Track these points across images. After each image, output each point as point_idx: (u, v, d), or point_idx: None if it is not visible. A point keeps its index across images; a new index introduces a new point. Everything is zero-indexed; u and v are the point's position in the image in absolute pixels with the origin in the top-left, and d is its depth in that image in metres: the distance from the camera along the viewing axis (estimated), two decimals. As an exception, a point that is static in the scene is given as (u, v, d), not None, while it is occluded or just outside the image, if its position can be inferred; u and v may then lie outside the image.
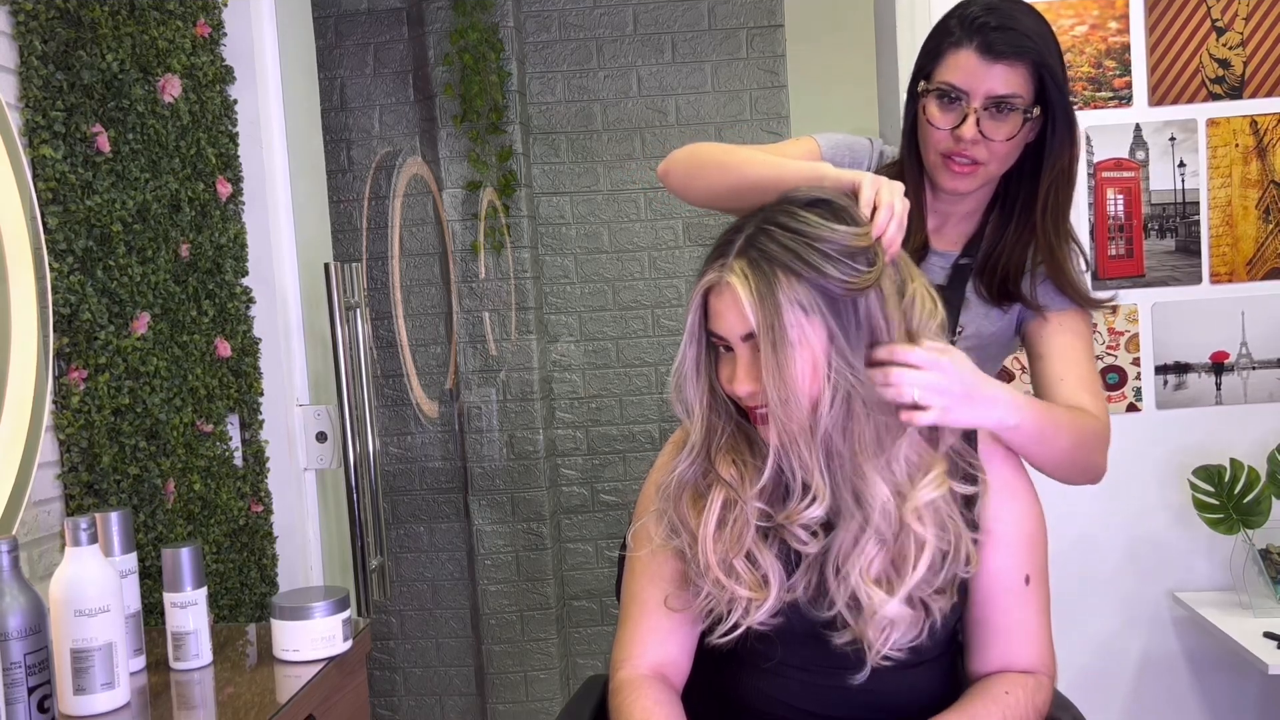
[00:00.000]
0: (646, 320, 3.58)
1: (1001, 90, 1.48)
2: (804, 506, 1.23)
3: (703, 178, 1.48)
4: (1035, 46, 1.48)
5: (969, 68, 1.49)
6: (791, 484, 1.25)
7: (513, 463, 3.50)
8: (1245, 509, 2.28)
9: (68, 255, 1.57)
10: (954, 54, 1.50)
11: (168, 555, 1.42)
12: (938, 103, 1.52)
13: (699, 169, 1.49)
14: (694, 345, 1.27)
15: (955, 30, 1.51)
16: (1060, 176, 1.55)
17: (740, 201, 1.33)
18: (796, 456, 1.21)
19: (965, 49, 1.49)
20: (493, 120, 3.37)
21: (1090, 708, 1.48)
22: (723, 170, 1.44)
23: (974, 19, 1.49)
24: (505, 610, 3.53)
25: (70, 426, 1.57)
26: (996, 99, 1.49)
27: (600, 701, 1.48)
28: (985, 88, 1.48)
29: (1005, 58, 1.47)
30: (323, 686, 1.40)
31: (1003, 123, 1.50)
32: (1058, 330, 1.60)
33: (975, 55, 1.48)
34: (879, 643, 1.24)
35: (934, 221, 1.64)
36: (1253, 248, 2.43)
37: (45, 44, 1.56)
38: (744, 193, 1.34)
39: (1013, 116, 1.50)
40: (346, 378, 2.07)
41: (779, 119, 3.52)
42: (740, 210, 1.31)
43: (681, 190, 1.53)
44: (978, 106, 1.49)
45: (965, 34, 1.49)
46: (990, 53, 1.47)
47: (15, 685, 1.13)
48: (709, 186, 1.47)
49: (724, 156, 1.46)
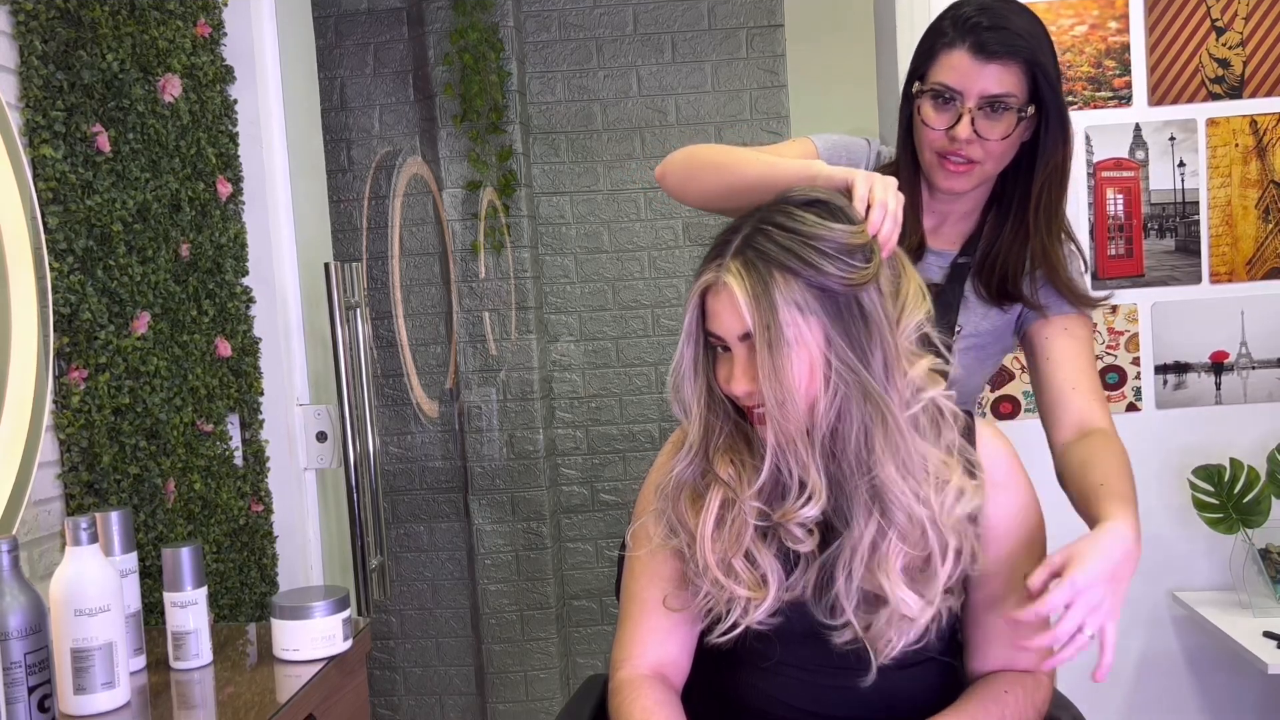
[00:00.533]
0: (646, 320, 3.58)
1: (995, 90, 1.49)
2: (799, 505, 1.23)
3: (698, 179, 1.49)
4: (1028, 45, 1.49)
5: (963, 68, 1.49)
6: (788, 483, 1.25)
7: (513, 462, 3.50)
8: (1245, 508, 2.28)
9: (68, 255, 1.57)
10: (947, 54, 1.51)
11: (168, 555, 1.42)
12: (932, 103, 1.53)
13: (695, 171, 1.50)
14: (691, 345, 1.27)
15: (948, 31, 1.52)
16: (1054, 174, 1.55)
17: (735, 202, 1.33)
18: (793, 456, 1.21)
19: (959, 49, 1.50)
20: (493, 120, 3.37)
21: (1090, 707, 1.48)
22: (718, 171, 1.44)
23: (967, 19, 1.50)
24: (505, 610, 3.53)
25: (70, 426, 1.57)
26: (990, 98, 1.49)
27: (600, 701, 1.48)
28: (979, 87, 1.49)
29: (999, 57, 1.48)
30: (323, 686, 1.40)
31: (997, 122, 1.50)
32: (1062, 333, 1.60)
33: (969, 55, 1.49)
34: (896, 641, 1.24)
35: (931, 221, 1.64)
36: (1252, 247, 2.43)
37: (45, 44, 1.56)
38: (739, 193, 1.34)
39: (1007, 115, 1.50)
40: (346, 377, 2.07)
41: (779, 119, 3.52)
42: (736, 211, 1.32)
43: (678, 192, 1.54)
44: (972, 106, 1.49)
45: (958, 34, 1.50)
46: (984, 52, 1.48)
47: (15, 685, 1.13)
48: (704, 188, 1.47)
49: (719, 157, 1.46)
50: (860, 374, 1.19)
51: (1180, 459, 2.44)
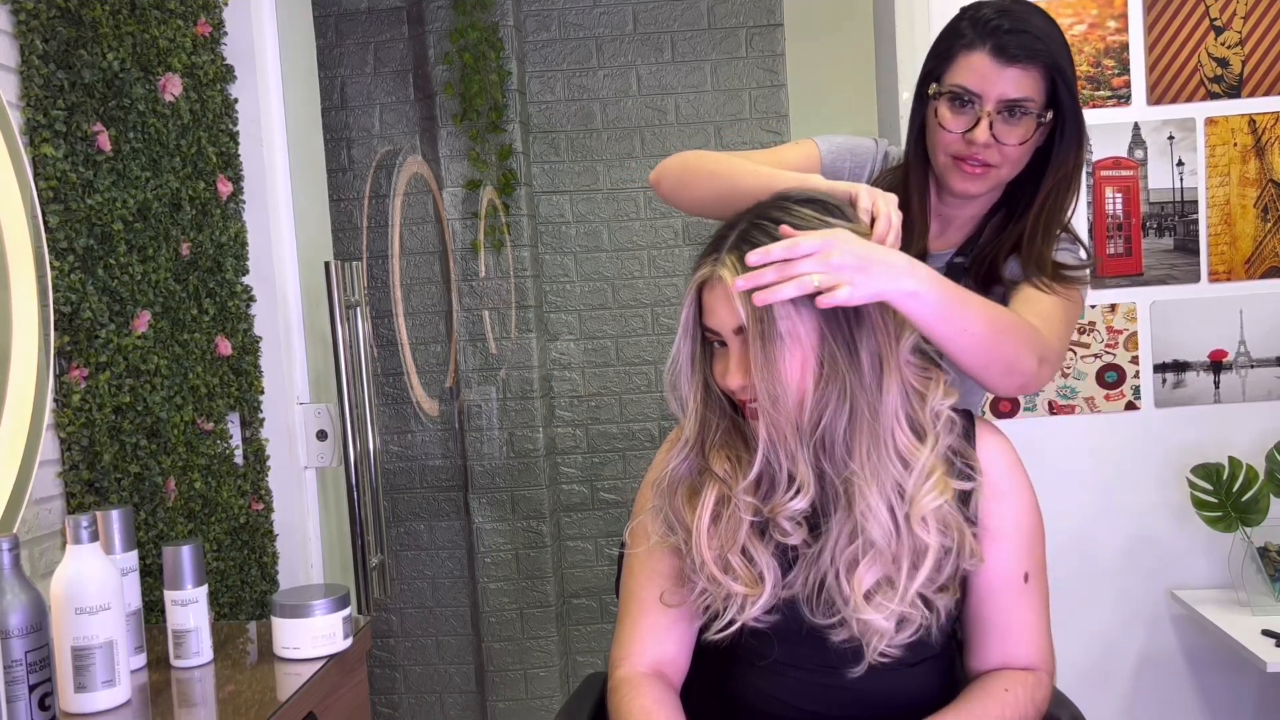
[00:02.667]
0: (646, 318, 3.58)
1: (1014, 94, 1.46)
2: (788, 499, 1.24)
3: (693, 186, 1.48)
4: (1048, 49, 1.45)
5: (982, 70, 1.46)
6: (779, 477, 1.25)
7: (512, 461, 3.51)
8: (1243, 507, 2.29)
9: (68, 254, 1.57)
10: (966, 56, 1.47)
11: (168, 553, 1.42)
12: (949, 105, 1.49)
13: (690, 177, 1.49)
14: (688, 340, 1.28)
15: (967, 32, 1.48)
16: (1063, 181, 1.52)
17: (730, 210, 1.33)
18: (784, 449, 1.22)
19: (978, 51, 1.46)
20: (492, 119, 3.37)
21: (1089, 706, 1.48)
22: (712, 179, 1.44)
23: (986, 21, 1.46)
24: (505, 608, 3.53)
25: (71, 425, 1.58)
26: (1009, 102, 1.46)
27: (600, 699, 1.48)
28: (998, 91, 1.46)
29: (1019, 61, 1.45)
30: (323, 684, 1.40)
31: (1015, 126, 1.47)
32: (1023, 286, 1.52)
33: (988, 58, 1.45)
34: (875, 642, 1.25)
35: (936, 226, 1.61)
36: (1251, 246, 2.43)
37: (46, 43, 1.56)
38: (733, 202, 1.34)
39: (1026, 120, 1.47)
40: (347, 376, 2.08)
41: (778, 118, 3.52)
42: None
43: (672, 198, 1.53)
44: (991, 110, 1.46)
45: (978, 36, 1.46)
46: (1004, 55, 1.45)
47: (16, 683, 1.13)
48: (699, 195, 1.47)
49: (714, 165, 1.46)
50: (850, 374, 1.20)
51: (1179, 458, 2.44)
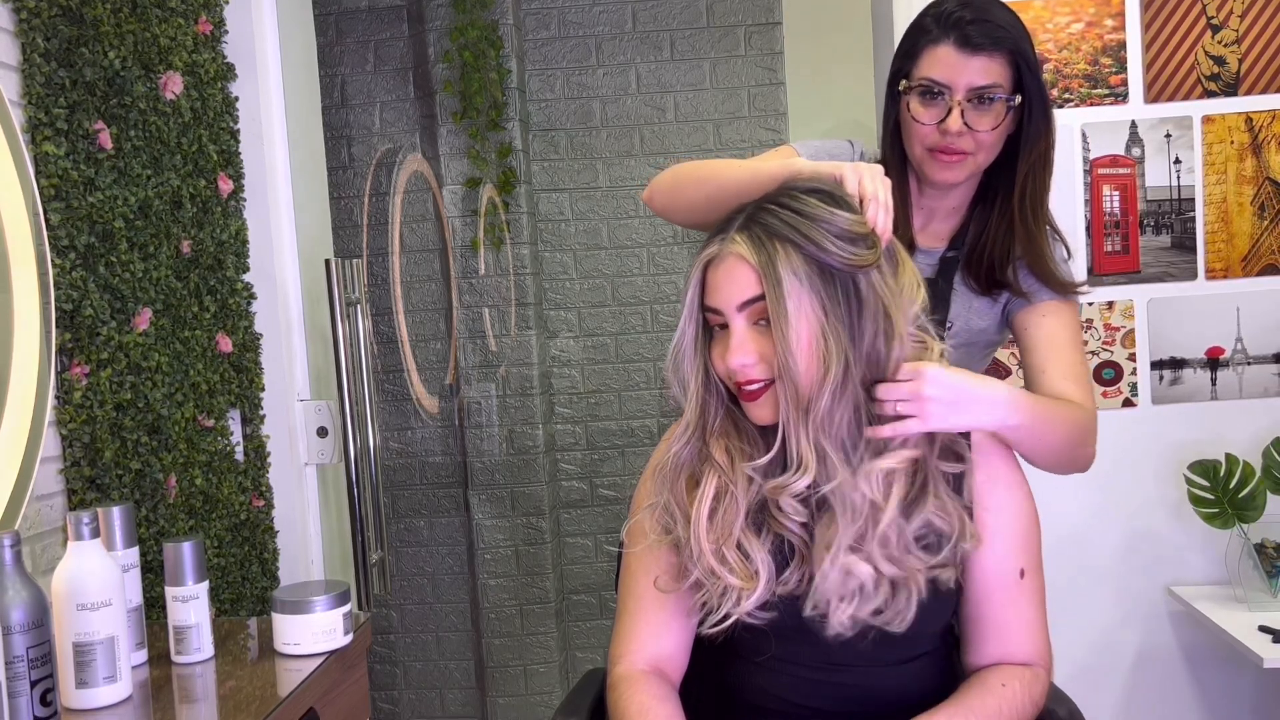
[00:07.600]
0: (645, 316, 3.59)
1: (982, 81, 1.52)
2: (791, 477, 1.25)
3: (682, 195, 1.51)
4: (1011, 36, 1.52)
5: (949, 61, 1.52)
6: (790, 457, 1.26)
7: (512, 458, 3.51)
8: (1240, 503, 2.29)
9: (70, 251, 1.58)
10: (932, 50, 1.54)
11: (169, 549, 1.43)
12: (921, 99, 1.55)
13: (679, 187, 1.52)
14: (692, 322, 1.29)
15: (932, 28, 1.55)
16: (1038, 162, 1.58)
17: (720, 211, 1.34)
18: (792, 424, 1.23)
19: (944, 44, 1.53)
20: (492, 117, 3.37)
21: (1086, 701, 1.49)
22: (699, 184, 1.46)
23: (950, 15, 1.53)
24: (505, 604, 3.54)
25: (72, 422, 1.58)
26: (978, 90, 1.52)
27: (599, 694, 1.49)
28: (966, 80, 1.52)
29: (984, 49, 1.51)
30: (323, 680, 1.41)
31: (986, 113, 1.53)
32: (1042, 319, 1.61)
33: (954, 49, 1.52)
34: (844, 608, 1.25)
35: (920, 219, 1.66)
36: (1248, 244, 2.44)
37: (47, 41, 1.57)
38: (722, 201, 1.35)
39: (995, 106, 1.53)
40: (347, 373, 2.08)
41: (777, 115, 3.52)
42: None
43: (665, 211, 1.56)
44: (961, 99, 1.52)
45: (942, 30, 1.53)
46: (969, 45, 1.51)
47: (18, 679, 1.14)
48: (689, 202, 1.49)
49: (698, 171, 1.50)
50: (849, 355, 1.21)
51: (1176, 454, 2.45)
